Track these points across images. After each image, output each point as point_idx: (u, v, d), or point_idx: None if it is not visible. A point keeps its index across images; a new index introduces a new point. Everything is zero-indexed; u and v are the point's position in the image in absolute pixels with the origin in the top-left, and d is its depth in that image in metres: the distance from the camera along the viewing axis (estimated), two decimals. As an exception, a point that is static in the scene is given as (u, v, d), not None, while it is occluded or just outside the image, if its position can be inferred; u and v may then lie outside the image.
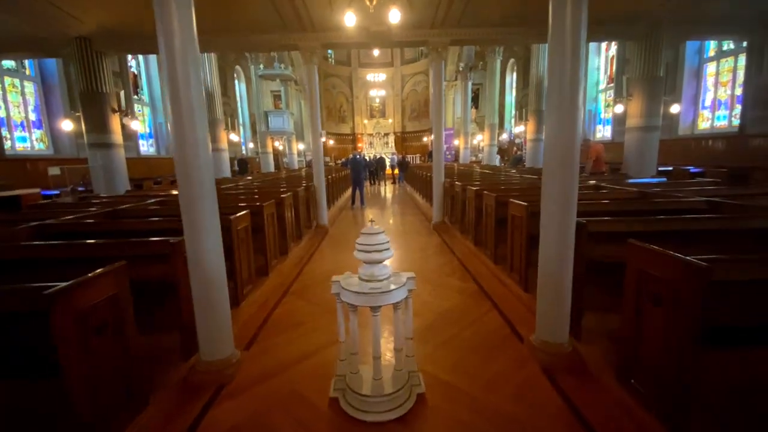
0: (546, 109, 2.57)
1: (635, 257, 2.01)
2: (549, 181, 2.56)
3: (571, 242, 2.53)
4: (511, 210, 3.90)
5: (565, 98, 2.43)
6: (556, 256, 2.55)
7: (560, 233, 2.52)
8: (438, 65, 6.82)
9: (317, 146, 7.25)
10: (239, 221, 3.59)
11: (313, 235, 6.87)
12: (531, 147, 12.11)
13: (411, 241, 6.53)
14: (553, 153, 2.52)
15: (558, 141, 2.48)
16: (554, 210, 2.53)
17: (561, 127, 2.47)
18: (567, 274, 2.57)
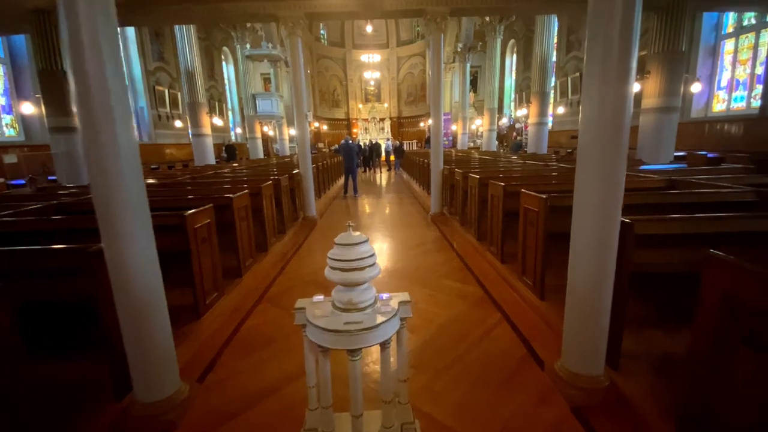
0: (585, 77, 1.95)
1: (718, 276, 1.44)
2: (586, 171, 1.96)
3: (612, 248, 1.95)
4: (524, 202, 3.31)
5: (612, 62, 1.81)
6: (593, 265, 1.97)
7: (599, 237, 1.93)
8: (437, 38, 6.10)
9: (303, 130, 6.58)
10: (198, 218, 2.98)
11: (299, 228, 6.27)
12: (534, 131, 11.45)
13: (406, 234, 5.95)
14: (592, 136, 1.90)
15: (600, 120, 1.86)
16: (592, 208, 1.94)
17: (603, 102, 1.85)
18: (606, 288, 1.99)
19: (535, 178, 4.98)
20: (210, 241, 3.16)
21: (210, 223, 3.16)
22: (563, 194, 3.06)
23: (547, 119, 11.38)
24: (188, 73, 10.62)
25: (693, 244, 2.15)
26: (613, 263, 1.97)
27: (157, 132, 14.49)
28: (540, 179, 4.94)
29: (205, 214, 3.10)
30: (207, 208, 3.14)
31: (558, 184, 4.21)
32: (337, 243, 1.46)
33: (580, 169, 2.00)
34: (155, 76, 14.37)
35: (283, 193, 5.66)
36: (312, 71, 26.40)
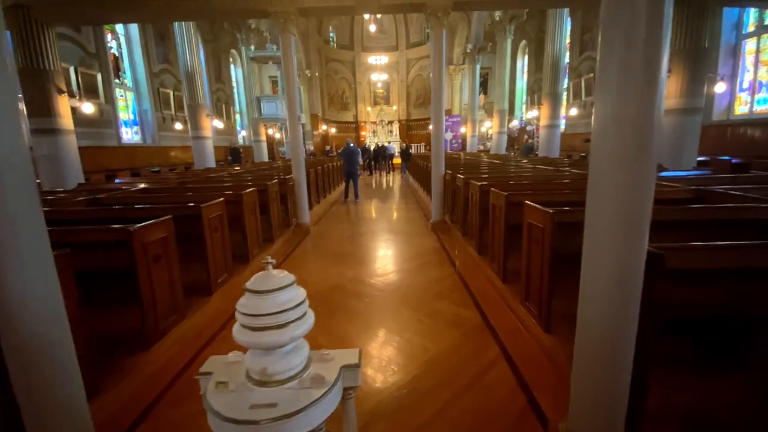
0: (599, 69, 1.50)
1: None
2: (601, 186, 1.51)
3: (635, 286, 1.50)
4: (528, 216, 2.85)
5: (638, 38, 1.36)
6: (610, 306, 1.52)
7: (619, 271, 1.48)
8: (438, 34, 5.68)
9: (295, 133, 6.21)
10: (151, 232, 2.61)
11: (290, 237, 5.90)
12: (545, 134, 10.91)
13: (404, 243, 5.52)
14: (608, 142, 1.46)
15: (621, 119, 1.41)
16: (608, 232, 1.49)
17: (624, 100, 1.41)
18: (626, 335, 1.54)
19: (544, 186, 4.51)
20: (167, 258, 2.79)
21: (167, 237, 2.80)
22: (575, 208, 2.60)
23: (559, 121, 10.82)
24: (189, 74, 10.42)
25: (736, 278, 1.68)
26: (636, 305, 1.52)
27: (161, 134, 14.38)
28: (550, 187, 4.46)
29: (161, 227, 2.73)
30: (164, 220, 2.77)
31: (570, 194, 3.73)
32: (248, 288, 1.05)
33: (593, 181, 1.55)
34: (160, 78, 14.28)
35: (272, 200, 5.29)
36: (321, 74, 26.25)
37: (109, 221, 3.27)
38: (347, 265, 4.53)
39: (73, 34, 10.40)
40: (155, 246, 2.65)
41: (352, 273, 4.25)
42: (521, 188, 4.34)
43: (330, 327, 3.00)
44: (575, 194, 3.65)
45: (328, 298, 3.55)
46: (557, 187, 4.42)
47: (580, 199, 3.53)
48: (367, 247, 5.36)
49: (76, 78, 10.42)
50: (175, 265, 2.88)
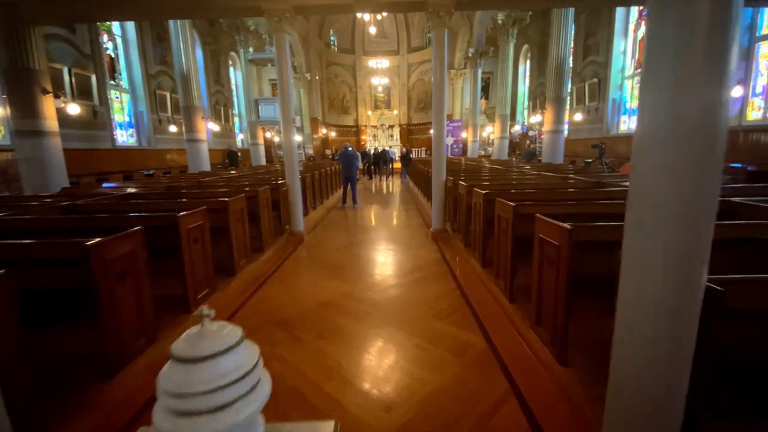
0: (645, 61, 1.21)
1: None
2: (647, 202, 1.21)
3: (692, 327, 1.19)
4: (540, 231, 2.54)
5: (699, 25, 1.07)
6: (656, 354, 1.21)
7: (672, 305, 1.18)
8: (440, 34, 5.41)
9: (289, 136, 5.93)
10: (115, 247, 2.31)
11: (282, 246, 5.59)
12: (548, 139, 10.62)
13: (403, 254, 5.21)
14: (659, 149, 1.16)
15: (677, 124, 1.12)
16: (657, 258, 1.19)
17: (682, 94, 1.11)
18: (677, 389, 1.23)
19: (552, 195, 4.21)
20: (134, 275, 2.48)
21: (135, 252, 2.49)
22: (596, 224, 2.30)
23: (564, 126, 10.55)
24: (184, 75, 10.18)
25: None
26: (689, 355, 1.21)
27: (158, 137, 14.14)
28: (559, 197, 4.16)
29: (127, 240, 2.43)
30: (131, 233, 2.47)
31: (580, 205, 3.43)
32: (175, 355, 0.74)
33: (636, 197, 1.25)
34: (157, 80, 14.06)
35: (262, 207, 4.99)
36: (321, 78, 26.10)
37: (75, 232, 2.98)
38: (342, 278, 4.22)
39: (68, 34, 10.18)
40: (120, 262, 2.35)
41: (347, 287, 3.94)
42: (528, 198, 4.04)
43: (319, 352, 2.68)
44: (586, 205, 3.35)
45: (319, 317, 3.24)
46: (566, 197, 4.12)
47: (593, 211, 3.24)
48: (364, 258, 5.05)
49: (70, 79, 10.18)
50: (144, 283, 2.57)
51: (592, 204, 3.36)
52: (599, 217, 3.09)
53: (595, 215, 3.12)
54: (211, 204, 3.93)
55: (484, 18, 16.73)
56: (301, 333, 2.95)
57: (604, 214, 3.14)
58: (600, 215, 3.14)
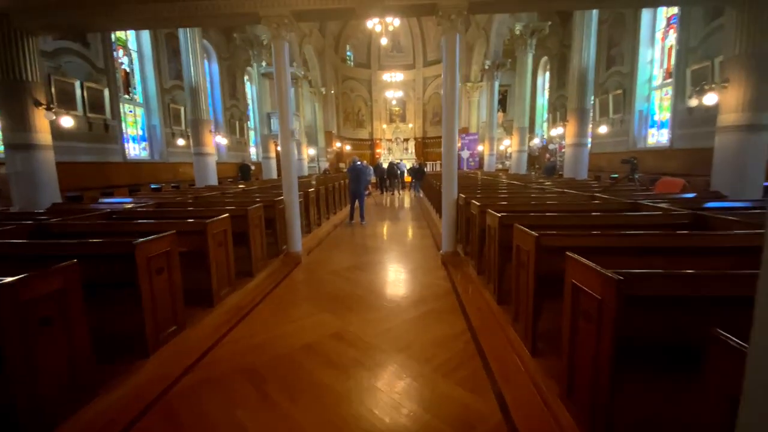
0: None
1: None
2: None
3: None
4: (572, 274, 1.95)
5: None
6: None
7: None
8: (451, 39, 4.94)
9: (287, 147, 5.50)
10: (40, 284, 1.85)
11: (276, 270, 5.10)
12: (571, 153, 9.92)
13: (407, 281, 4.64)
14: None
15: None
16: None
17: None
18: None
19: (580, 219, 3.59)
20: (63, 320, 2.02)
21: (67, 291, 2.03)
22: (655, 273, 1.71)
23: (587, 140, 9.85)
24: (192, 88, 10.07)
25: None
26: None
27: (170, 150, 14.17)
28: (588, 222, 3.54)
29: (56, 276, 1.97)
30: (63, 267, 2.02)
31: (620, 236, 2.79)
32: None
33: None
34: (171, 94, 14.15)
35: (253, 227, 4.54)
36: (337, 92, 26.21)
37: (19, 260, 2.57)
38: (334, 312, 3.68)
39: (81, 49, 10.27)
40: (45, 304, 1.89)
41: (338, 324, 3.39)
42: (553, 223, 3.44)
43: (286, 421, 2.13)
44: (631, 237, 2.71)
45: (298, 367, 2.69)
46: (599, 222, 3.49)
47: (638, 243, 2.61)
48: (363, 285, 4.50)
49: (82, 93, 10.23)
50: (79, 327, 2.10)
51: (636, 235, 2.72)
52: (649, 253, 2.46)
53: (642, 251, 2.50)
54: (188, 226, 3.49)
55: (501, 29, 16.32)
56: (272, 389, 2.41)
57: (656, 248, 2.52)
58: (647, 250, 2.52)
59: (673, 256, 2.50)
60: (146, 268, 2.69)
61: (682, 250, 2.53)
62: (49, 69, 9.35)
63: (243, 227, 4.38)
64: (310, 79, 21.15)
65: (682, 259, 2.46)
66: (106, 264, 2.65)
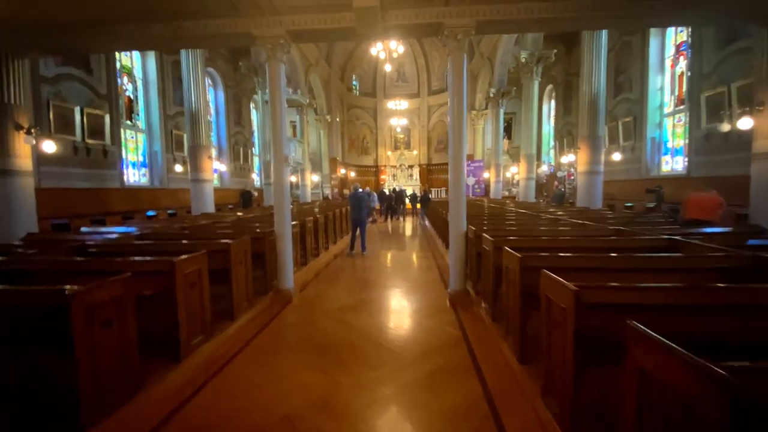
0: None
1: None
2: None
3: None
4: (644, 359, 1.39)
5: None
6: None
7: None
8: (458, 59, 4.59)
9: (280, 174, 5.08)
10: None
11: (262, 311, 4.54)
12: (584, 181, 9.44)
13: (409, 326, 4.04)
14: None
15: None
16: None
17: None
18: None
19: (621, 261, 3.04)
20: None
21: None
22: None
23: (600, 167, 9.39)
24: (192, 113, 9.90)
25: None
26: None
27: (171, 176, 13.97)
28: (621, 263, 2.99)
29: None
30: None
31: (681, 291, 2.22)
32: None
33: None
34: (175, 121, 14.10)
35: (236, 263, 4.02)
36: (342, 119, 26.45)
37: None
38: (324, 368, 3.09)
39: (84, 75, 10.24)
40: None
41: (326, 387, 2.80)
42: (583, 266, 2.90)
43: None
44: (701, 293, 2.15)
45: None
46: (638, 266, 2.93)
47: (706, 301, 1.98)
48: (361, 331, 3.90)
49: (81, 119, 10.09)
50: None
51: (708, 290, 2.08)
52: (717, 312, 1.90)
53: (711, 309, 1.94)
54: (154, 265, 3.00)
55: (505, 58, 16.35)
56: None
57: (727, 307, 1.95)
58: (715, 309, 1.95)
59: (747, 316, 1.93)
60: (86, 323, 2.16)
61: (758, 308, 1.96)
62: (49, 94, 9.26)
63: (224, 264, 3.87)
64: (316, 106, 21.29)
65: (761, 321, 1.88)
66: (36, 317, 2.13)
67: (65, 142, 9.60)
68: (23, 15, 4.53)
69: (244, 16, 4.49)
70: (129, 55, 12.62)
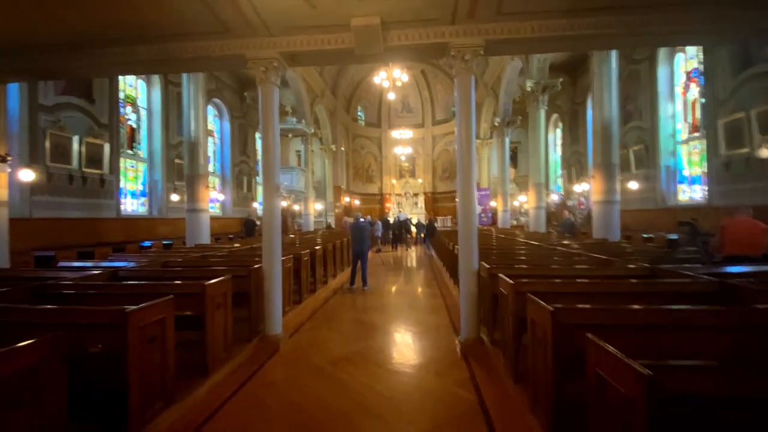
0: None
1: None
2: None
3: None
4: None
5: None
6: None
7: None
8: (465, 82, 4.21)
9: (271, 205, 4.62)
10: None
11: (243, 362, 3.91)
12: (600, 211, 8.86)
13: (414, 390, 3.38)
14: None
15: None
16: None
17: None
18: None
19: (662, 317, 2.45)
20: None
21: None
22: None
23: (616, 196, 8.85)
24: (191, 142, 9.66)
25: None
26: None
27: (171, 206, 13.68)
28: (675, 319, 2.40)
29: None
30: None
31: None
32: None
33: None
34: (177, 150, 13.98)
35: (212, 308, 3.46)
36: (347, 149, 26.56)
37: None
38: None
39: (85, 104, 10.18)
40: None
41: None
42: (630, 323, 2.32)
43: None
44: None
45: None
46: (701, 322, 2.33)
47: None
48: (354, 396, 3.24)
49: (80, 148, 9.91)
50: None
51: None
52: None
53: None
54: (104, 316, 2.46)
55: (510, 88, 16.29)
56: None
57: None
58: None
59: None
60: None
61: None
62: (47, 123, 9.13)
63: (198, 309, 3.32)
64: (321, 136, 21.33)
65: None
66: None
67: (60, 171, 9.37)
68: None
69: (235, 37, 4.20)
70: (134, 85, 12.70)
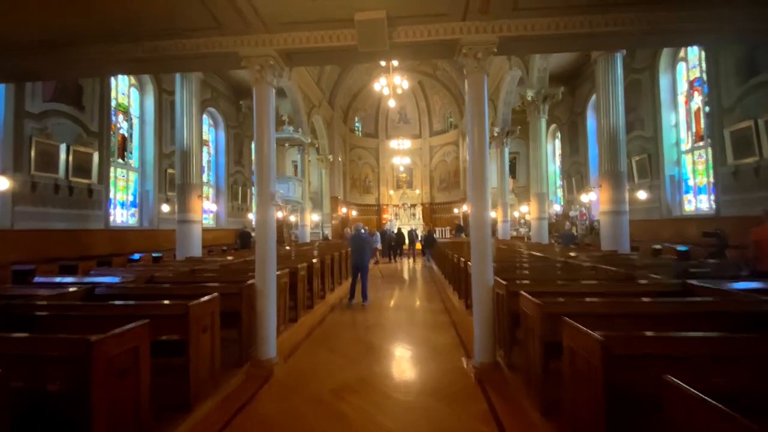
0: None
1: None
2: None
3: None
4: None
5: None
6: None
7: None
8: (478, 82, 3.91)
9: (264, 215, 4.24)
10: None
11: (231, 393, 3.46)
12: (608, 222, 8.57)
13: (423, 425, 2.97)
14: None
15: None
16: None
17: None
18: None
19: (717, 347, 2.08)
20: None
21: None
22: None
23: (625, 206, 8.57)
24: (183, 151, 9.30)
25: None
26: None
27: (163, 217, 13.21)
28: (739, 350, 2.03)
29: None
30: None
31: None
32: None
33: None
34: (170, 160, 13.57)
35: (195, 332, 3.03)
36: (344, 159, 26.36)
37: None
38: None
39: (74, 111, 9.79)
40: None
41: None
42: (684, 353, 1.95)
43: None
44: None
45: None
46: None
47: None
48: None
49: (67, 156, 9.50)
50: None
51: None
52: None
53: None
54: (65, 347, 2.05)
55: (509, 98, 16.19)
56: None
57: None
58: None
59: None
60: None
61: None
62: (33, 130, 8.73)
63: (181, 333, 2.90)
64: (318, 146, 21.09)
65: None
66: None
67: (45, 180, 8.94)
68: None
69: (229, 34, 3.88)
70: (126, 93, 12.37)
